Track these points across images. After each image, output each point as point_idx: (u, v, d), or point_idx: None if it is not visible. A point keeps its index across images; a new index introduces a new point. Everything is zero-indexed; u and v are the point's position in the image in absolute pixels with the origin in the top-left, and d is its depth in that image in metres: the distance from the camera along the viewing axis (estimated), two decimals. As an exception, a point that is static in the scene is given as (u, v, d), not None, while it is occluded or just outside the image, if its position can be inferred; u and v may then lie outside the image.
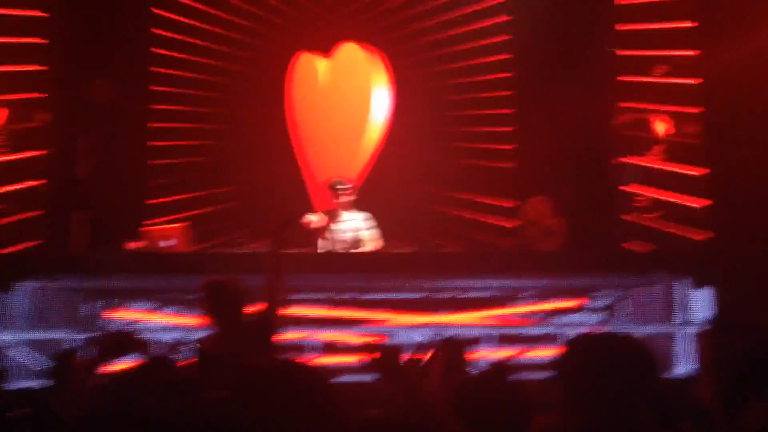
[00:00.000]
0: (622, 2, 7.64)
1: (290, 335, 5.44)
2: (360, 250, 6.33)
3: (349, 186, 6.49)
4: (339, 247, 6.32)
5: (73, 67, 7.54)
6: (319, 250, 6.33)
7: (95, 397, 2.43)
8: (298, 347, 5.33)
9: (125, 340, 2.82)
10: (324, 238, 6.38)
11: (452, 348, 3.86)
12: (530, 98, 7.97)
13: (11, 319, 5.25)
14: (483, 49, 8.16)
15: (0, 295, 5.26)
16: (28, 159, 7.32)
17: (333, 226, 6.41)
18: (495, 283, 5.78)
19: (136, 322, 5.56)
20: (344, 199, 6.42)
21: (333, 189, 6.44)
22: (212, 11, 8.13)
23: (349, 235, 6.37)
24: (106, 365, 2.75)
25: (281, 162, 8.19)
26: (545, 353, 5.36)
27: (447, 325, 5.59)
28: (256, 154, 8.11)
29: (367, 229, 6.42)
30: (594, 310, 5.89)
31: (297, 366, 1.78)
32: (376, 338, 2.60)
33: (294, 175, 8.23)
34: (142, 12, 7.94)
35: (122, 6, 7.77)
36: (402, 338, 5.43)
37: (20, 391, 3.21)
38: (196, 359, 3.63)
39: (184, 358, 3.84)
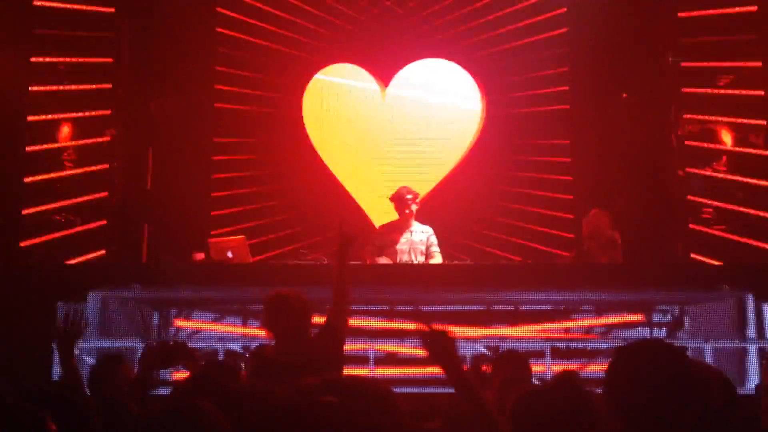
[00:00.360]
0: (685, 15, 7.55)
1: (352, 346, 5.52)
2: (429, 261, 6.33)
3: (415, 196, 6.47)
4: (407, 258, 6.33)
5: (139, 83, 7.81)
6: (382, 260, 6.33)
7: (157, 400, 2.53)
8: (360, 358, 5.39)
9: (174, 351, 2.93)
10: (394, 249, 6.40)
11: (514, 360, 3.88)
12: (590, 110, 7.92)
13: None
14: (541, 60, 8.14)
15: (74, 303, 5.47)
16: (96, 172, 7.60)
17: (403, 236, 6.41)
18: (555, 296, 5.75)
19: (198, 331, 5.72)
20: (412, 209, 6.40)
21: (401, 198, 6.43)
22: (275, 29, 8.31)
23: (419, 247, 6.38)
24: (154, 373, 2.86)
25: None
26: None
27: (506, 338, 5.57)
28: (319, 166, 8.23)
29: (435, 244, 6.40)
30: (658, 324, 5.79)
31: (356, 381, 1.80)
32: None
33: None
34: (207, 29, 8.17)
35: (187, 23, 8.01)
36: (461, 350, 5.44)
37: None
38: (257, 366, 3.69)
39: (245, 367, 3.94)
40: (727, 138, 7.56)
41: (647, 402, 1.76)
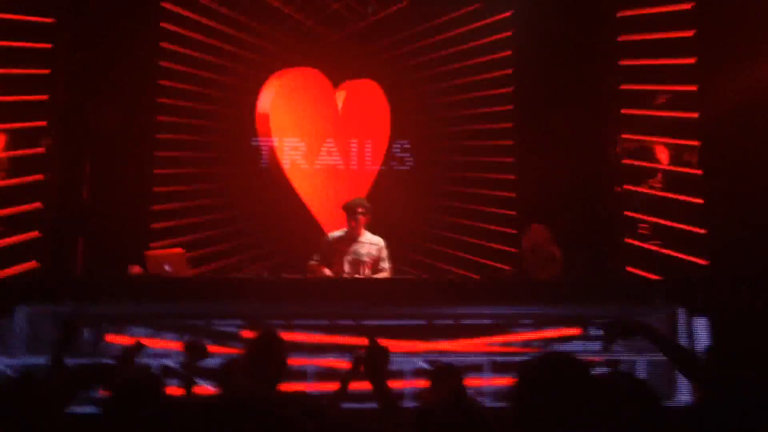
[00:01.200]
0: (625, 38, 7.78)
1: (290, 361, 5.45)
2: (379, 273, 6.34)
3: (366, 208, 6.49)
4: (359, 269, 6.32)
5: (76, 94, 7.64)
6: (326, 272, 6.32)
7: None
8: (299, 373, 5.32)
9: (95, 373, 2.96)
10: (342, 259, 6.38)
11: (448, 375, 3.88)
12: (531, 127, 8.07)
13: (9, 343, 5.27)
14: (485, 81, 8.29)
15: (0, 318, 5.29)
16: (31, 184, 7.39)
17: (352, 248, 6.41)
18: (495, 310, 5.79)
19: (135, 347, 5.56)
20: (362, 220, 6.40)
21: (352, 210, 6.43)
22: (216, 43, 8.24)
23: (366, 260, 6.37)
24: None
25: (285, 189, 8.24)
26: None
27: (446, 352, 5.58)
28: (258, 180, 8.17)
29: (385, 258, 6.43)
30: (594, 338, 5.88)
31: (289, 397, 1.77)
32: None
33: (297, 203, 8.26)
34: (147, 40, 8.05)
35: (127, 33, 7.88)
36: (400, 365, 5.43)
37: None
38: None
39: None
40: (662, 156, 7.78)
41: (551, 415, 1.77)
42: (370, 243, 6.43)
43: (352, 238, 6.44)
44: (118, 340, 5.60)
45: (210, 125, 8.17)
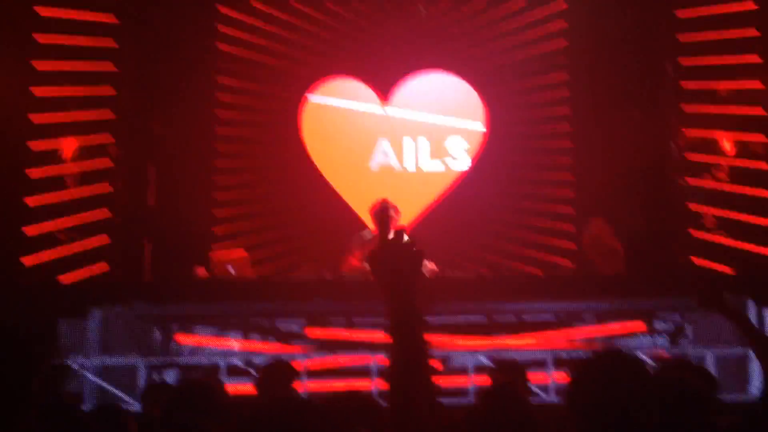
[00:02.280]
0: (686, 39, 7.64)
1: (350, 359, 5.53)
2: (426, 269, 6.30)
3: (395, 210, 6.24)
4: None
5: (140, 101, 7.87)
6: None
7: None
8: (363, 371, 5.38)
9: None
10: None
11: (509, 370, 3.88)
12: (591, 124, 7.94)
13: (86, 344, 5.48)
14: (542, 75, 8.18)
15: (76, 321, 5.50)
16: (98, 190, 7.65)
17: None
18: (557, 306, 5.75)
19: (200, 346, 5.73)
20: (394, 220, 6.13)
21: (383, 213, 6.18)
22: (275, 47, 8.35)
23: None
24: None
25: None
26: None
27: (508, 348, 5.56)
28: (321, 183, 8.24)
29: None
30: (660, 332, 5.78)
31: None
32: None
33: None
34: (207, 47, 8.21)
35: (187, 44, 8.06)
36: (463, 361, 5.44)
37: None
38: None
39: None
40: (727, 147, 7.58)
41: (606, 413, 1.77)
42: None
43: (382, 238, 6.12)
44: (186, 339, 5.77)
45: (265, 128, 8.29)
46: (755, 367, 5.17)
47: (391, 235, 1.77)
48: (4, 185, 6.97)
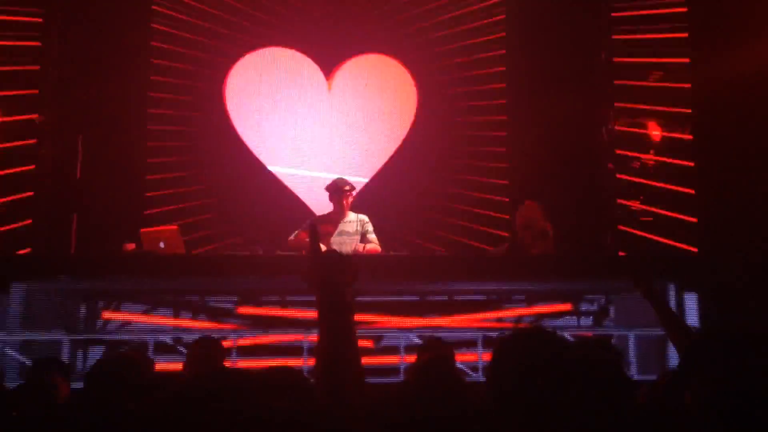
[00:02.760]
0: (618, 15, 7.79)
1: (282, 338, 5.51)
2: (366, 245, 6.35)
3: (351, 186, 6.50)
4: (344, 247, 6.29)
5: (69, 68, 7.60)
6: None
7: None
8: (295, 349, 5.38)
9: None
10: (327, 241, 6.36)
11: (436, 348, 3.93)
12: (526, 105, 8.06)
13: (7, 319, 5.31)
14: (478, 53, 8.26)
15: (-2, 295, 5.32)
16: (24, 159, 7.38)
17: (339, 228, 6.39)
18: (486, 286, 5.84)
19: (128, 323, 5.62)
20: (348, 199, 6.41)
21: (337, 189, 6.44)
22: (214, 11, 8.18)
23: (354, 235, 6.37)
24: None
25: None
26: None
27: (440, 328, 5.64)
28: (251, 157, 8.15)
29: (371, 231, 6.44)
30: (584, 313, 5.95)
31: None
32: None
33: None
34: (141, 14, 7.99)
35: (118, 9, 7.82)
36: (395, 340, 5.49)
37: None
38: None
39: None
40: (655, 133, 7.82)
41: (527, 390, 1.81)
42: (356, 221, 6.43)
43: (337, 217, 6.42)
44: (114, 316, 5.64)
45: (198, 103, 8.14)
46: (673, 349, 5.38)
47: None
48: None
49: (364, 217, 6.48)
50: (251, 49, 8.27)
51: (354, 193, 6.50)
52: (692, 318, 5.45)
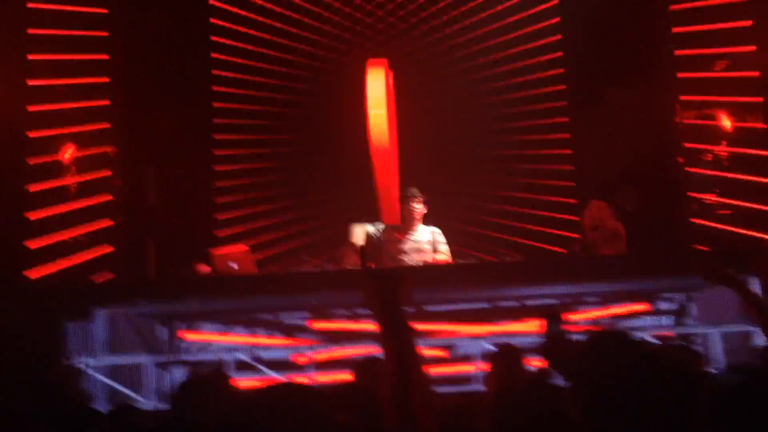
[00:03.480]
0: (677, 7, 7.62)
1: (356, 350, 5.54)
2: (436, 256, 6.23)
3: (421, 198, 6.35)
4: (415, 259, 6.18)
5: (136, 101, 7.89)
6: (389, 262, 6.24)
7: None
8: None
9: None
10: (391, 250, 6.34)
11: (508, 355, 3.88)
12: (585, 103, 7.94)
13: (93, 344, 5.51)
14: (535, 54, 8.20)
15: (82, 322, 5.52)
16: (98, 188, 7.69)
17: (408, 237, 6.26)
18: (560, 289, 5.75)
19: (207, 343, 5.76)
20: (418, 211, 6.26)
21: (407, 200, 6.30)
22: (269, 37, 8.37)
23: (426, 246, 6.25)
24: None
25: (342, 182, 8.29)
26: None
27: (512, 334, 5.57)
28: (317, 174, 8.26)
29: (442, 242, 6.31)
30: (663, 312, 5.79)
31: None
32: None
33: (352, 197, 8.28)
34: (201, 45, 8.24)
35: (182, 40, 8.08)
36: (467, 348, 5.46)
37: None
38: None
39: None
40: (726, 121, 7.57)
41: (608, 395, 1.79)
42: (428, 232, 6.29)
43: (407, 228, 6.28)
44: (192, 336, 5.80)
45: (263, 123, 8.32)
46: (760, 344, 5.17)
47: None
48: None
49: (437, 230, 6.31)
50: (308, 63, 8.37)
51: (423, 205, 6.36)
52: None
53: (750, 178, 7.24)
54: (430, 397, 1.70)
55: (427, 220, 6.45)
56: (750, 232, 7.11)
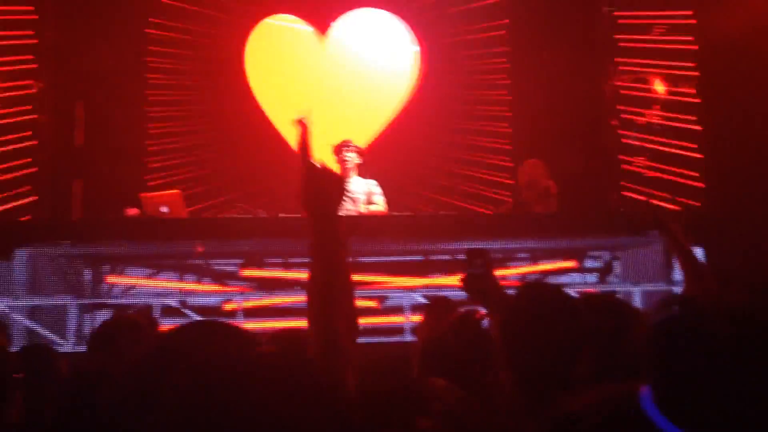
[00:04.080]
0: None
1: (292, 299, 5.52)
2: (371, 207, 6.24)
3: (355, 148, 6.34)
4: (346, 208, 6.11)
5: (65, 36, 7.54)
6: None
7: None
8: (300, 311, 5.38)
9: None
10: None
11: (443, 306, 3.93)
12: (527, 62, 7.98)
13: (11, 285, 5.32)
14: (478, 12, 8.15)
15: (2, 262, 5.32)
16: (23, 127, 7.35)
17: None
18: (491, 244, 5.82)
19: (132, 287, 5.64)
20: (351, 160, 6.24)
21: (340, 151, 6.27)
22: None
23: (360, 197, 6.24)
24: None
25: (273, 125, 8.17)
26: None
27: (441, 287, 5.64)
28: (256, 117, 8.10)
29: (378, 193, 6.33)
30: (589, 270, 5.95)
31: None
32: None
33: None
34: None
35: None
36: (398, 300, 5.50)
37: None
38: None
39: None
40: (659, 87, 7.72)
41: (534, 342, 1.84)
42: (363, 183, 6.30)
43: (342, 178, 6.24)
44: (119, 280, 5.66)
45: (198, 67, 8.07)
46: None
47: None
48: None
49: (372, 182, 6.33)
50: (250, 9, 8.16)
51: (359, 154, 6.33)
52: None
53: (677, 151, 7.44)
54: (354, 322, 1.67)
55: (365, 172, 6.43)
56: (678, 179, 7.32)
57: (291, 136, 7.94)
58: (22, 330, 5.24)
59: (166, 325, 4.39)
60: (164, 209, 6.05)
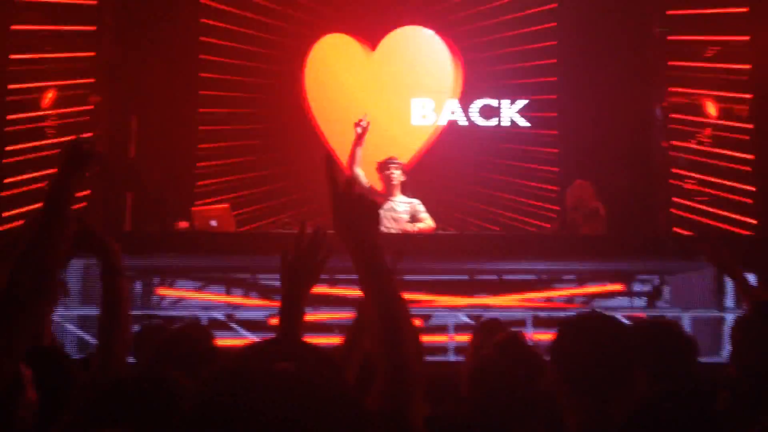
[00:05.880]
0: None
1: (318, 316, 5.52)
2: (418, 224, 6.17)
3: (400, 165, 6.31)
4: (388, 226, 6.07)
5: (122, 52, 7.73)
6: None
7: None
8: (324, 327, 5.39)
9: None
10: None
11: (493, 329, 3.90)
12: (577, 83, 7.92)
13: (66, 295, 5.45)
14: (529, 35, 8.14)
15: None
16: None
17: (387, 205, 6.13)
18: (538, 266, 5.78)
19: (181, 299, 5.72)
20: (396, 177, 6.18)
21: (385, 168, 6.22)
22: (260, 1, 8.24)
23: (404, 216, 6.17)
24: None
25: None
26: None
27: (489, 307, 5.61)
28: (302, 137, 8.19)
29: (423, 211, 6.25)
30: (637, 294, 5.85)
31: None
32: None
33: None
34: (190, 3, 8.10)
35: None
36: (443, 319, 5.48)
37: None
38: None
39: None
40: (711, 110, 7.59)
41: (588, 370, 1.85)
42: (406, 202, 6.23)
43: (386, 195, 6.18)
44: (167, 293, 5.76)
45: (252, 82, 8.20)
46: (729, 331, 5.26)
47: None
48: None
49: (416, 201, 6.26)
50: (303, 30, 8.27)
51: (401, 172, 6.30)
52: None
53: (731, 165, 7.29)
54: (419, 344, 1.62)
55: (407, 190, 6.38)
56: (728, 213, 7.17)
57: (343, 154, 8.02)
58: (74, 339, 5.36)
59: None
60: (213, 223, 6.15)
